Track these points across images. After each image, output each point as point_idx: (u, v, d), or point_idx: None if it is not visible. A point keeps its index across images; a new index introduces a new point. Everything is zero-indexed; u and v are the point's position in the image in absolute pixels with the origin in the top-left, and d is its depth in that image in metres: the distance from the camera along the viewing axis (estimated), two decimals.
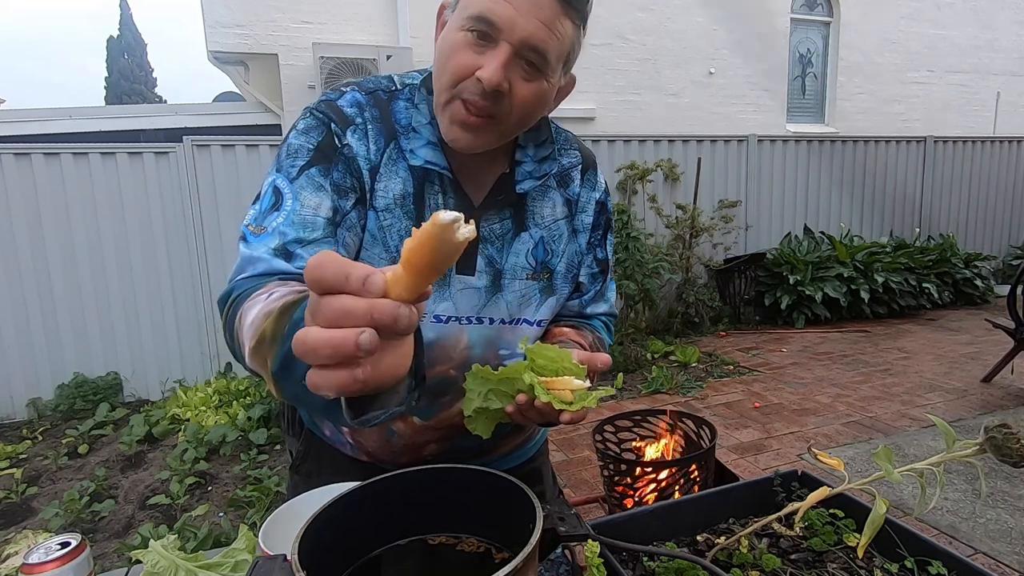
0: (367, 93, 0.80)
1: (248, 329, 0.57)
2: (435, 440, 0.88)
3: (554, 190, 0.88)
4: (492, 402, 0.68)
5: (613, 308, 1.01)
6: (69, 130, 4.78)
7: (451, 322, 0.82)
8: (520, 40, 0.67)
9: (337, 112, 0.77)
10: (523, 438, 1.03)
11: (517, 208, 0.84)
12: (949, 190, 6.85)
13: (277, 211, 0.72)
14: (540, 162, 0.84)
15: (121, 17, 22.80)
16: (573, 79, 0.80)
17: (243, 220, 0.75)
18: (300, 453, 1.00)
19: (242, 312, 0.61)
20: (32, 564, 0.67)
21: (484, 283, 0.82)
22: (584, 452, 3.12)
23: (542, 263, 0.86)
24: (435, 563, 0.62)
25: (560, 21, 0.69)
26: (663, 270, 4.89)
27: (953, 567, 0.68)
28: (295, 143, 0.76)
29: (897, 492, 2.52)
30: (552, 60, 0.70)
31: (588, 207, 0.91)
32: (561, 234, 0.88)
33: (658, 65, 6.58)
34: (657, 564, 0.73)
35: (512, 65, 0.69)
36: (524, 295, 0.85)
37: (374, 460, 0.93)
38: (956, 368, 4.26)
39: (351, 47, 5.06)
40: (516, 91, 0.71)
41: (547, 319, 0.89)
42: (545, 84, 0.72)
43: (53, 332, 3.99)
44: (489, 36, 0.68)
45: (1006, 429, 0.56)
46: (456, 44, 0.70)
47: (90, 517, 2.68)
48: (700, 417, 1.95)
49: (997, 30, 8.15)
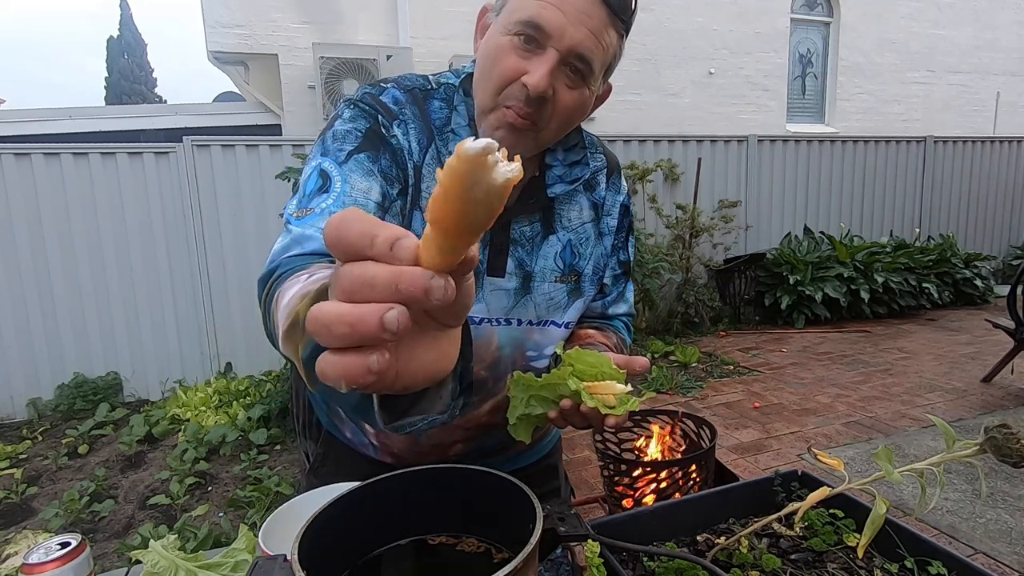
0: (405, 91, 0.80)
1: (283, 311, 0.51)
2: (462, 440, 0.88)
3: (581, 194, 0.88)
4: (534, 408, 0.69)
5: (632, 308, 1.01)
6: (69, 130, 4.78)
7: (484, 323, 0.82)
8: (568, 47, 0.67)
9: (382, 105, 0.77)
10: (541, 433, 1.03)
11: (547, 211, 0.85)
12: (949, 190, 6.85)
13: (326, 192, 0.69)
14: (571, 166, 0.85)
15: (121, 17, 22.80)
16: (610, 87, 0.80)
17: (285, 210, 0.71)
18: (319, 456, 0.99)
19: (280, 292, 0.55)
20: (32, 564, 0.67)
21: (514, 285, 0.83)
22: (584, 452, 3.12)
23: (570, 266, 0.87)
24: (435, 563, 0.62)
25: (607, 31, 0.69)
26: (663, 270, 4.89)
27: (953, 567, 0.68)
28: (341, 128, 0.74)
29: (897, 492, 2.52)
30: (596, 69, 0.71)
31: (613, 210, 0.92)
32: (588, 237, 0.88)
33: (658, 65, 6.58)
34: (657, 564, 0.73)
35: (557, 72, 0.69)
36: (552, 297, 0.86)
37: (397, 462, 0.92)
38: (956, 368, 4.26)
39: (351, 47, 5.06)
40: (560, 98, 0.71)
41: (574, 321, 0.89)
42: (587, 92, 0.73)
43: (53, 332, 3.99)
44: (536, 41, 0.68)
45: (1006, 429, 0.56)
46: (501, 48, 0.70)
47: (90, 517, 2.68)
48: (700, 417, 1.94)
49: (997, 30, 8.15)
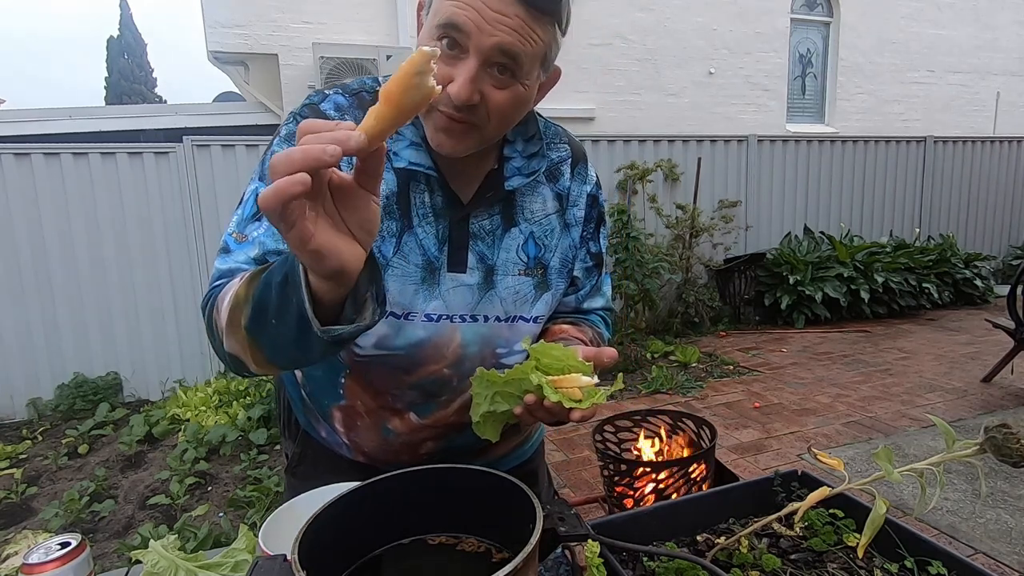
0: (351, 95, 0.80)
1: (224, 310, 0.64)
2: (432, 439, 0.88)
3: (544, 185, 0.87)
4: (499, 404, 0.68)
5: (610, 302, 1.00)
6: (69, 130, 4.77)
7: (442, 320, 0.81)
8: (489, 47, 0.66)
9: (318, 116, 0.78)
10: (520, 439, 1.02)
11: (506, 204, 0.84)
12: (949, 190, 6.85)
13: (259, 221, 0.75)
14: (529, 158, 0.84)
15: (121, 17, 22.81)
16: (558, 71, 0.79)
17: (227, 226, 0.78)
18: (296, 455, 1.00)
19: (217, 302, 0.67)
20: (32, 564, 0.67)
21: (476, 280, 0.82)
22: (584, 452, 3.12)
23: (535, 258, 0.86)
24: (435, 563, 0.62)
25: (532, 25, 0.67)
26: (663, 270, 4.89)
27: (953, 567, 0.68)
28: (276, 151, 0.77)
29: (897, 492, 2.53)
30: (526, 64, 0.69)
31: (580, 200, 0.90)
32: (553, 229, 0.88)
33: (658, 65, 6.58)
34: (657, 564, 0.73)
35: (482, 75, 0.68)
36: (518, 291, 0.85)
37: (371, 461, 0.92)
38: (956, 368, 4.26)
39: (351, 47, 5.06)
40: (490, 100, 0.70)
41: (544, 315, 0.89)
42: (520, 88, 0.72)
43: (53, 332, 3.99)
44: (458, 44, 0.67)
45: (1006, 429, 0.56)
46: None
47: (90, 517, 2.68)
48: (700, 417, 1.95)
49: (997, 30, 8.15)
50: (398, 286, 0.78)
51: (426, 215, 0.79)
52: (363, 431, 0.89)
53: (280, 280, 0.55)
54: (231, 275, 0.72)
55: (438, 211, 0.80)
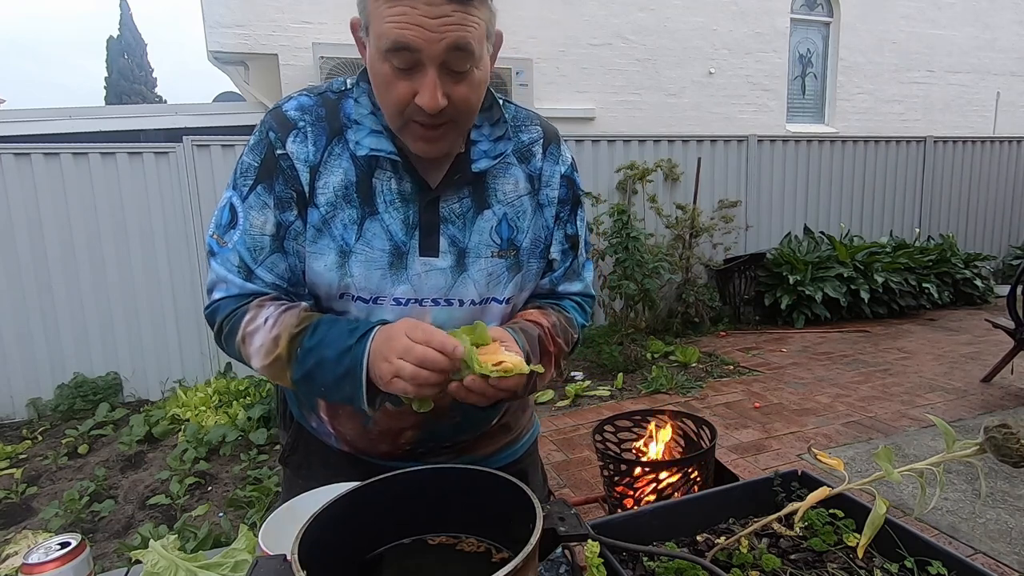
0: (316, 95, 0.83)
1: (258, 351, 0.78)
2: (411, 427, 0.89)
3: (515, 166, 0.88)
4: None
5: (589, 288, 1.00)
6: (69, 130, 4.77)
7: (411, 304, 0.82)
8: (441, 51, 0.69)
9: (280, 120, 0.81)
10: (510, 438, 1.03)
11: (476, 187, 0.85)
12: (949, 190, 6.84)
13: (234, 229, 0.82)
14: (495, 141, 0.85)
15: (121, 17, 22.80)
16: (500, 35, 0.80)
17: (208, 228, 0.85)
18: (289, 445, 1.03)
19: (244, 336, 0.79)
20: (32, 564, 0.67)
21: (449, 263, 0.83)
22: (584, 452, 3.12)
23: (507, 240, 0.87)
24: (435, 563, 0.62)
25: (468, 13, 0.69)
26: (663, 270, 4.89)
27: (953, 567, 0.68)
28: (245, 161, 0.83)
29: (897, 492, 2.53)
30: (476, 49, 0.72)
31: (553, 180, 0.91)
32: (525, 210, 0.88)
33: (658, 65, 6.58)
34: (657, 564, 0.73)
35: (443, 79, 0.71)
36: (492, 273, 0.86)
37: (355, 450, 0.94)
38: (956, 368, 4.26)
39: (351, 47, 5.04)
40: (456, 96, 0.73)
41: (514, 296, 0.89)
42: (477, 72, 0.74)
43: (53, 332, 3.99)
44: (411, 60, 0.70)
45: (1006, 429, 0.56)
46: (386, 76, 0.72)
47: (90, 517, 2.68)
48: (700, 417, 1.95)
49: (997, 30, 8.15)
50: (363, 271, 0.80)
51: (393, 201, 0.81)
52: (345, 419, 0.91)
53: (341, 373, 0.72)
54: (226, 284, 0.82)
55: (406, 196, 0.82)
